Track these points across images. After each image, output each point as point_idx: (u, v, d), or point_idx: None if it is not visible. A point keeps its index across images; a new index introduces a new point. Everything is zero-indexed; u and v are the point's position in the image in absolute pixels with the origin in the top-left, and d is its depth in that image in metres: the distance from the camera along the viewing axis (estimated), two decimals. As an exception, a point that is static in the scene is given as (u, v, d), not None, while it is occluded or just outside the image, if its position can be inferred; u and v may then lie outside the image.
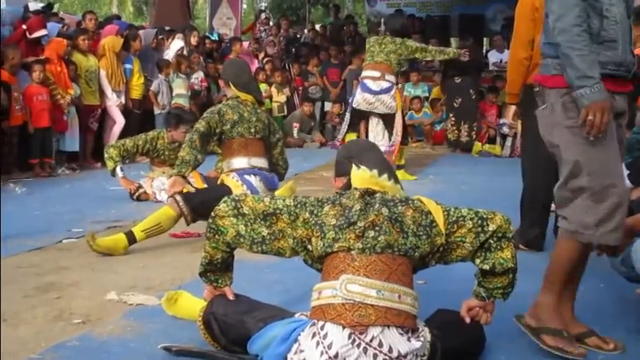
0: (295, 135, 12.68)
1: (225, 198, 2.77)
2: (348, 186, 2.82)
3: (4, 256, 4.52)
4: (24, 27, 8.81)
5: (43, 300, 3.60)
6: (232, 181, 4.81)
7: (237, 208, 2.72)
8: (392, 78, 8.26)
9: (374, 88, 8.19)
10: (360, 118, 8.55)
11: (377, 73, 8.21)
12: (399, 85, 12.98)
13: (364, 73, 8.41)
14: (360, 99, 8.31)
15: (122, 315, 3.38)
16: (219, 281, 2.90)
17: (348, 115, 8.67)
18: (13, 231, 5.20)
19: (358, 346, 2.47)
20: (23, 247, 4.79)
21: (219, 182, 4.99)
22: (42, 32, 8.94)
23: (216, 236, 2.75)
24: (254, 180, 4.85)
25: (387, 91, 8.19)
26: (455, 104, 11.77)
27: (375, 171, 2.75)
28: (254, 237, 2.72)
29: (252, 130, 4.90)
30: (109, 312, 3.42)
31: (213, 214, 2.75)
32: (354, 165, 2.78)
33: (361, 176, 2.75)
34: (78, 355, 2.84)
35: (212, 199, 4.35)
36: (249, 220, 2.71)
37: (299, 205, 2.72)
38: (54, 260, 4.47)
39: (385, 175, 2.76)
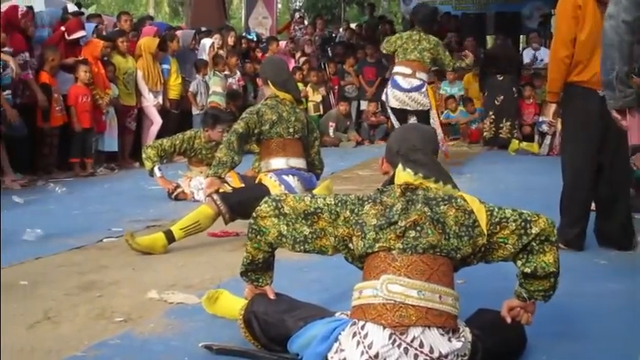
0: (331, 134, 12.68)
1: (266, 198, 2.78)
2: (391, 180, 2.79)
3: (48, 254, 4.60)
4: (63, 28, 8.91)
5: (84, 298, 3.64)
6: (270, 181, 4.83)
7: (278, 208, 2.73)
8: (424, 76, 8.14)
9: (404, 86, 8.09)
10: (401, 116, 8.31)
11: (408, 70, 8.11)
12: (433, 84, 13.03)
13: (395, 69, 8.30)
14: (390, 96, 8.22)
15: (163, 313, 3.40)
16: (260, 280, 2.91)
17: (391, 116, 8.55)
18: (55, 230, 5.29)
19: (399, 346, 2.46)
20: (65, 246, 4.86)
21: (256, 182, 5.00)
22: (80, 33, 9.03)
23: (258, 237, 2.76)
24: (292, 180, 4.86)
25: (417, 88, 8.09)
26: (496, 102, 11.68)
27: (421, 174, 2.69)
28: (296, 236, 2.72)
29: (291, 130, 4.91)
30: (149, 310, 3.45)
31: (254, 214, 2.76)
32: (400, 164, 2.74)
33: (405, 177, 2.70)
34: (120, 353, 2.87)
35: (250, 199, 4.40)
36: (291, 220, 2.72)
37: (339, 204, 2.71)
38: (94, 259, 4.53)
39: (432, 179, 2.70)
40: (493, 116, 11.73)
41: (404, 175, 2.70)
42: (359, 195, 2.75)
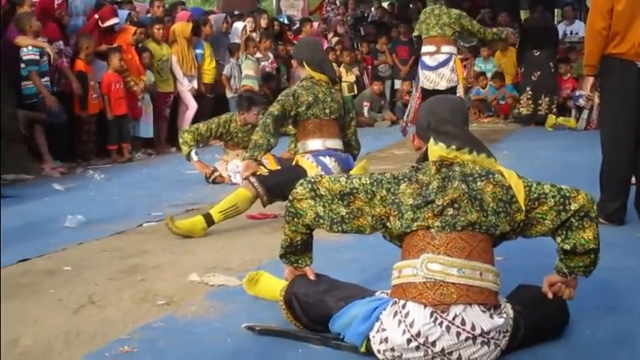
0: (366, 114, 12.64)
1: (302, 181, 2.78)
2: (425, 156, 2.77)
3: (89, 240, 4.66)
4: (96, 16, 8.98)
5: (127, 282, 3.69)
6: (307, 162, 4.84)
7: (314, 190, 2.73)
8: (449, 49, 8.01)
9: (431, 64, 8.00)
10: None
11: (432, 48, 8.05)
12: (468, 61, 12.89)
13: (422, 50, 8.25)
14: (422, 78, 8.14)
15: (205, 296, 3.44)
16: (300, 262, 2.92)
17: (415, 95, 8.44)
18: (96, 216, 5.36)
19: (440, 324, 2.46)
20: (106, 232, 4.92)
21: (293, 163, 5.01)
22: (114, 20, 9.09)
23: (295, 219, 2.77)
24: (329, 161, 4.86)
25: (444, 63, 7.99)
26: (533, 77, 11.54)
27: (454, 146, 2.65)
28: (333, 217, 2.72)
29: (327, 111, 4.91)
30: (191, 293, 3.49)
31: (290, 197, 2.77)
32: (431, 138, 2.70)
33: (439, 152, 2.66)
34: (164, 335, 2.91)
35: (287, 180, 4.41)
36: (327, 201, 2.72)
37: (375, 183, 2.70)
38: (136, 243, 4.58)
39: (466, 149, 2.66)
40: (530, 92, 11.59)
41: (437, 149, 2.67)
42: (394, 173, 2.72)
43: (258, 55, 11.20)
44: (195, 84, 10.21)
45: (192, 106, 10.14)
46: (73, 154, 8.65)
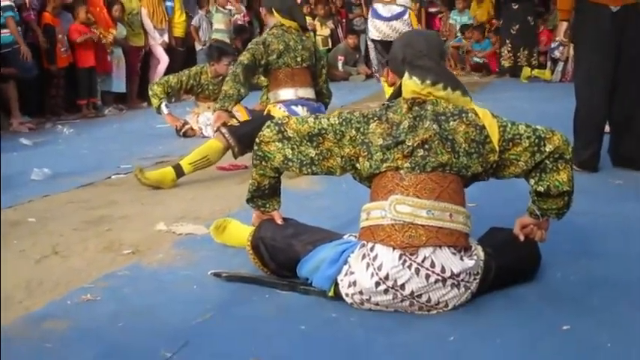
0: (340, 68, 12.52)
1: (269, 123, 2.69)
2: (398, 92, 2.69)
3: (56, 192, 4.57)
4: (64, -32, 8.77)
5: (93, 233, 3.61)
6: (279, 112, 4.74)
7: (281, 132, 2.65)
8: (405, 1, 7.62)
9: (384, 14, 7.46)
10: (384, 50, 7.39)
11: None
12: (443, 14, 12.75)
13: None
14: (371, 27, 7.53)
15: (172, 245, 3.37)
16: (267, 206, 2.85)
17: (371, 47, 7.85)
18: (64, 169, 5.27)
19: (409, 267, 2.41)
20: (73, 184, 4.82)
21: (265, 113, 4.92)
22: (82, -27, 8.89)
23: (263, 162, 2.69)
24: (301, 110, 4.78)
25: (399, 16, 7.52)
26: (512, 31, 11.48)
27: (428, 81, 2.55)
28: (302, 159, 2.64)
29: (299, 59, 4.81)
30: (158, 242, 3.41)
31: (257, 140, 2.69)
32: (406, 72, 2.60)
33: (412, 87, 2.56)
34: (129, 284, 2.84)
35: (258, 129, 4.34)
36: (295, 143, 2.64)
37: (344, 123, 2.62)
38: (104, 195, 4.49)
39: (440, 85, 2.56)
40: (510, 45, 11.54)
41: (410, 83, 2.56)
42: (364, 112, 2.64)
43: (230, 7, 11.01)
44: (166, 37, 10.05)
45: (163, 59, 9.99)
46: (42, 109, 8.49)
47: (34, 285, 2.85)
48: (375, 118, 2.59)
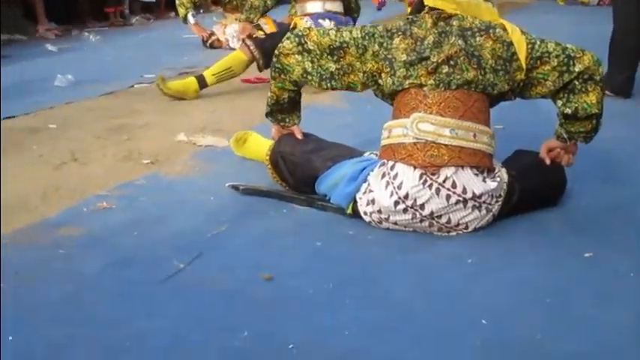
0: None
1: (289, 34, 2.58)
2: (420, 4, 2.58)
3: (78, 100, 4.53)
4: None
5: (113, 141, 3.57)
6: (305, 25, 4.63)
7: (301, 44, 2.54)
8: None
9: None
10: None
11: None
12: None
13: None
14: None
15: (191, 156, 3.32)
16: (287, 120, 2.78)
17: None
18: (87, 77, 5.21)
19: (430, 186, 2.34)
20: (96, 92, 4.78)
21: (291, 27, 4.81)
22: None
23: (282, 75, 2.60)
24: (328, 24, 4.65)
25: None
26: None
27: None
28: (322, 73, 2.55)
29: (327, -30, 4.68)
30: (177, 153, 3.37)
31: (277, 52, 2.59)
32: None
33: None
34: (145, 193, 2.80)
35: (283, 42, 4.25)
36: (316, 56, 2.54)
37: (367, 37, 2.51)
38: (125, 104, 4.45)
39: None
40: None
41: None
42: (387, 26, 2.52)
43: None
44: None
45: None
46: (69, 16, 8.41)
47: (50, 191, 2.82)
48: (400, 33, 2.48)
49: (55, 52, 6.58)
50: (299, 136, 2.77)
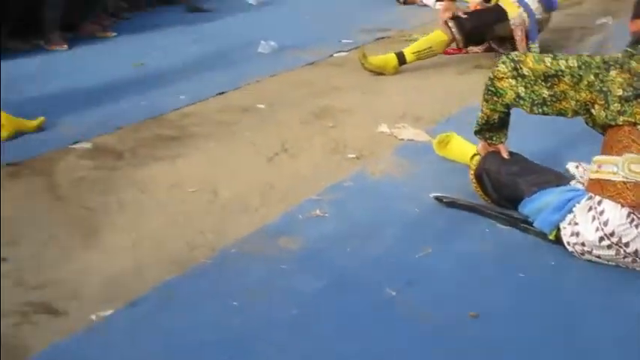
0: None
1: (504, 58, 2.63)
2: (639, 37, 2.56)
3: (281, 72, 4.75)
4: None
5: (318, 128, 3.75)
6: (509, 2, 4.61)
7: (516, 69, 2.59)
8: None
9: None
10: None
11: None
12: None
13: None
14: None
15: (393, 151, 3.45)
16: (494, 138, 2.85)
17: None
18: (288, 42, 5.43)
19: (637, 226, 2.36)
20: (297, 62, 5.03)
21: (493, 2, 4.78)
22: None
23: (495, 98, 2.67)
24: (531, 2, 4.60)
25: None
26: None
27: None
28: (534, 98, 2.59)
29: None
30: (380, 147, 3.51)
31: (491, 75, 2.65)
32: None
33: None
34: (353, 198, 2.95)
35: (486, 25, 4.29)
36: (530, 82, 2.58)
37: (583, 67, 2.52)
38: (326, 78, 4.63)
39: None
40: None
41: None
42: (604, 57, 2.52)
43: None
44: None
45: None
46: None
47: (266, 190, 3.03)
48: (617, 66, 2.47)
49: (254, 6, 6.83)
50: (505, 154, 2.84)
